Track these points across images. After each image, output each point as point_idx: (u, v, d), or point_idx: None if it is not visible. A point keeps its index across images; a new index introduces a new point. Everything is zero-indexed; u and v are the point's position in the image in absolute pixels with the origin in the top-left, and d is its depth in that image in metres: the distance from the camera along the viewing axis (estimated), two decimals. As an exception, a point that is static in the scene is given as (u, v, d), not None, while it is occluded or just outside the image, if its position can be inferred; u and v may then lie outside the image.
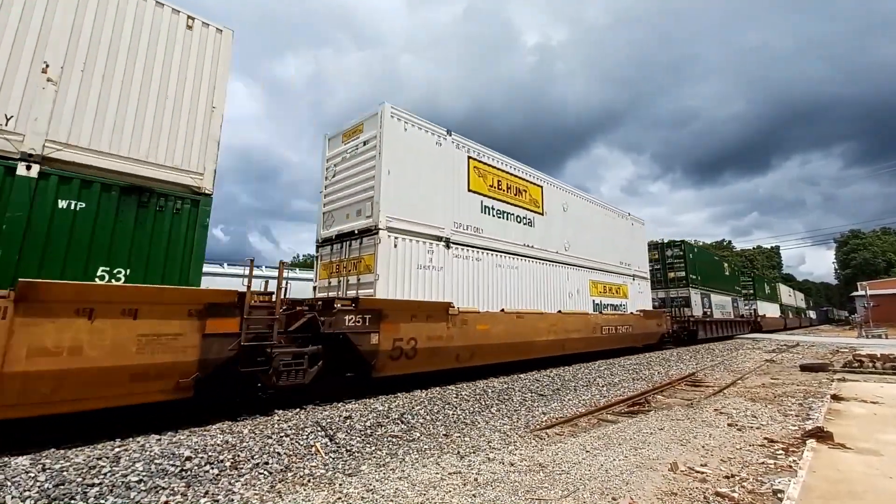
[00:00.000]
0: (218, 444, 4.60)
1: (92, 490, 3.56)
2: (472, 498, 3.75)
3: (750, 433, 5.88)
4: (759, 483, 4.09)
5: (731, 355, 17.19)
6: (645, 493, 3.89)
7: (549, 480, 4.15)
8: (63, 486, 3.54)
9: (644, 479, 4.22)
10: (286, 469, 4.41)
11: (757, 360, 15.40)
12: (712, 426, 6.22)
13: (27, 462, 3.82)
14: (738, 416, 6.84)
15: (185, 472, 4.04)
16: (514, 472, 4.37)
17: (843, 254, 78.47)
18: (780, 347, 20.86)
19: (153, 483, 3.79)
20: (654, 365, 13.43)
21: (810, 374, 11.43)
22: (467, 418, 6.68)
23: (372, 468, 4.62)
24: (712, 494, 3.84)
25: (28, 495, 3.37)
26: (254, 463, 4.39)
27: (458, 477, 4.24)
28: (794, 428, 6.07)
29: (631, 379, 10.90)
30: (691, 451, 5.10)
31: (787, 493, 3.60)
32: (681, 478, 4.25)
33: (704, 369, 13.01)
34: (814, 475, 4.05)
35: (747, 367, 13.48)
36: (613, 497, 3.79)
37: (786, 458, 4.77)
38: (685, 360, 15.19)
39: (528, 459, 4.79)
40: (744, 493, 3.87)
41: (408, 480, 4.16)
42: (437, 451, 5.23)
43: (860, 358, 13.23)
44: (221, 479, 4.05)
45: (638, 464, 4.64)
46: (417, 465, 4.67)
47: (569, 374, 10.84)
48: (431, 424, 6.20)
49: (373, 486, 4.01)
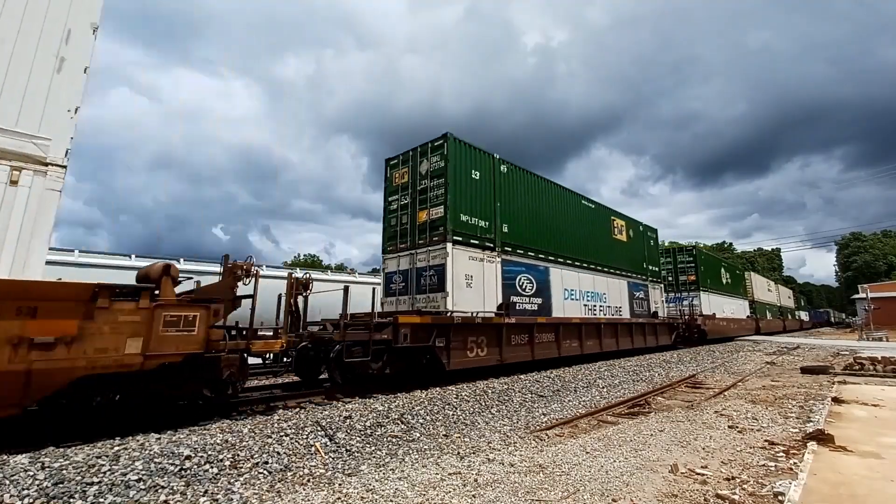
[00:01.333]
0: (217, 443, 4.59)
1: (91, 489, 3.55)
2: (472, 498, 3.74)
3: (750, 435, 5.87)
4: (759, 485, 4.07)
5: (731, 357, 17.17)
6: (645, 494, 3.88)
7: (549, 481, 4.14)
8: (62, 484, 3.53)
9: (644, 480, 4.21)
10: (286, 469, 4.40)
11: (758, 363, 15.37)
12: (713, 428, 6.21)
13: (26, 460, 3.81)
14: (739, 418, 6.83)
15: (184, 471, 4.03)
16: (514, 473, 4.36)
17: (844, 256, 78.41)
18: (781, 350, 20.85)
19: (153, 482, 3.78)
20: (654, 367, 13.40)
21: (811, 377, 11.41)
22: (467, 419, 6.67)
23: (372, 468, 4.61)
24: (713, 496, 3.82)
25: (27, 494, 3.36)
26: (253, 462, 4.38)
27: (458, 477, 4.23)
28: (794, 430, 6.06)
29: (631, 380, 10.89)
30: (692, 453, 5.09)
31: (788, 495, 3.59)
32: (681, 479, 4.24)
33: (705, 371, 12.99)
34: (815, 478, 4.03)
35: (748, 370, 13.46)
36: (613, 498, 3.78)
37: (787, 461, 4.75)
38: (685, 361, 15.16)
39: (528, 460, 4.78)
40: (744, 495, 3.85)
41: (407, 480, 4.16)
42: (436, 452, 5.22)
43: (861, 361, 13.20)
44: (221, 479, 4.04)
45: (638, 465, 4.63)
46: (417, 466, 4.66)
47: (569, 375, 10.82)
48: (431, 425, 6.19)
49: (372, 486, 4.00)
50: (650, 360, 14.80)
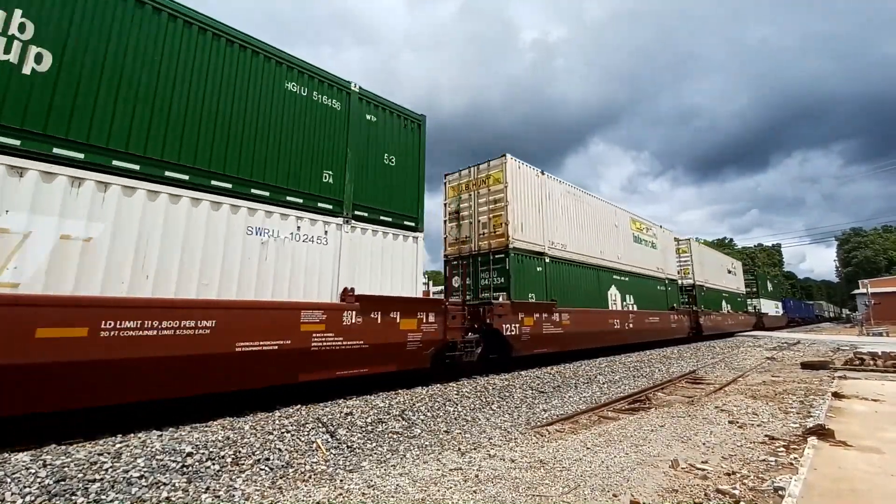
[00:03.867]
0: (219, 440, 4.60)
1: (93, 486, 3.56)
2: (473, 494, 3.75)
3: (751, 430, 5.88)
4: (760, 480, 4.08)
5: (731, 353, 17.19)
6: (646, 489, 3.89)
7: (550, 477, 4.15)
8: (64, 481, 3.54)
9: (645, 475, 4.22)
10: (287, 465, 4.41)
11: (758, 358, 15.39)
12: (713, 423, 6.22)
13: (27, 458, 3.81)
14: (739, 413, 6.84)
15: (186, 468, 4.03)
16: (514, 469, 4.37)
17: (845, 252, 78.42)
18: (781, 345, 20.86)
19: (154, 479, 3.79)
20: (654, 363, 13.42)
21: (811, 372, 11.42)
22: (468, 415, 6.68)
23: (373, 464, 4.63)
24: (713, 491, 3.83)
25: (28, 491, 3.37)
26: (255, 459, 4.39)
27: (459, 473, 4.24)
28: (795, 425, 6.07)
29: (632, 376, 10.90)
30: (692, 449, 5.10)
31: (789, 490, 3.60)
32: (682, 475, 4.25)
33: (705, 367, 13.01)
34: (815, 473, 4.04)
35: (748, 365, 13.47)
36: (614, 494, 3.79)
37: (787, 456, 4.76)
38: (686, 357, 15.19)
39: (529, 456, 4.79)
40: (745, 490, 3.86)
41: (409, 477, 4.17)
42: (437, 448, 5.23)
43: (861, 356, 13.22)
44: (222, 476, 4.05)
45: (639, 461, 4.64)
46: (418, 462, 4.67)
47: (569, 371, 10.83)
48: (432, 421, 6.20)
49: (374, 483, 4.01)
50: (650, 356, 14.82)
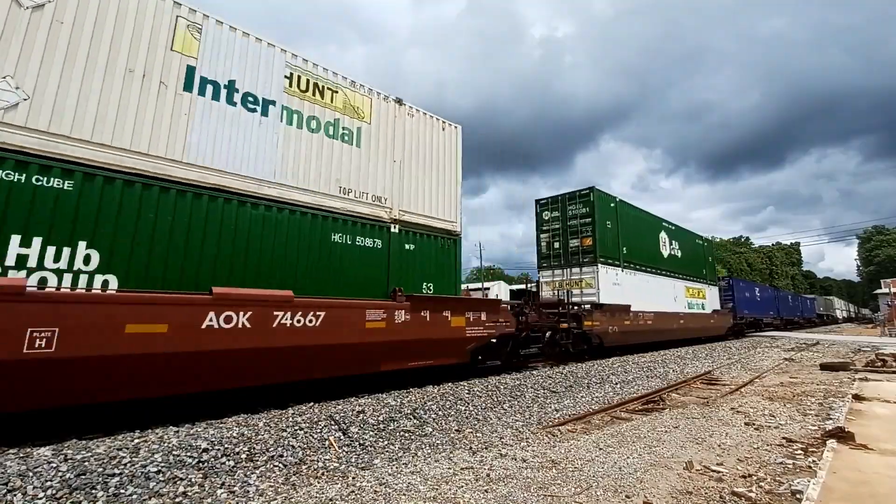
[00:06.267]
0: (234, 436, 4.68)
1: (112, 480, 3.65)
2: (485, 493, 3.75)
3: (768, 432, 5.77)
4: (777, 483, 4.01)
5: (748, 353, 16.89)
6: (659, 491, 3.85)
7: (562, 477, 4.13)
8: (84, 475, 3.63)
9: (659, 477, 4.17)
10: (300, 462, 4.46)
11: (775, 359, 15.10)
12: (729, 425, 6.12)
13: (49, 452, 3.92)
14: (756, 415, 6.72)
15: (202, 463, 4.11)
16: (526, 469, 4.35)
17: (866, 251, 76.46)
18: (800, 346, 20.44)
19: (171, 474, 3.86)
20: (668, 363, 13.26)
21: (831, 374, 11.17)
22: (479, 414, 6.68)
23: (385, 462, 4.65)
24: (729, 494, 3.77)
25: (50, 485, 3.46)
26: (269, 455, 4.45)
27: (471, 472, 4.25)
28: (813, 428, 5.94)
29: (645, 377, 10.78)
30: (707, 450, 5.03)
31: (807, 493, 3.53)
32: (696, 477, 4.20)
33: (720, 367, 12.80)
34: (834, 476, 3.96)
35: (765, 366, 13.23)
36: (627, 495, 3.75)
37: (805, 459, 4.66)
38: (701, 357, 14.97)
39: (541, 456, 4.77)
40: (761, 493, 3.79)
41: (420, 475, 4.18)
42: (449, 447, 5.24)
43: (883, 357, 12.87)
44: (237, 471, 4.11)
45: (652, 462, 4.59)
46: (430, 460, 4.69)
47: (581, 371, 10.76)
48: (444, 420, 6.22)
49: (386, 480, 4.03)
50: (665, 357, 14.64)
